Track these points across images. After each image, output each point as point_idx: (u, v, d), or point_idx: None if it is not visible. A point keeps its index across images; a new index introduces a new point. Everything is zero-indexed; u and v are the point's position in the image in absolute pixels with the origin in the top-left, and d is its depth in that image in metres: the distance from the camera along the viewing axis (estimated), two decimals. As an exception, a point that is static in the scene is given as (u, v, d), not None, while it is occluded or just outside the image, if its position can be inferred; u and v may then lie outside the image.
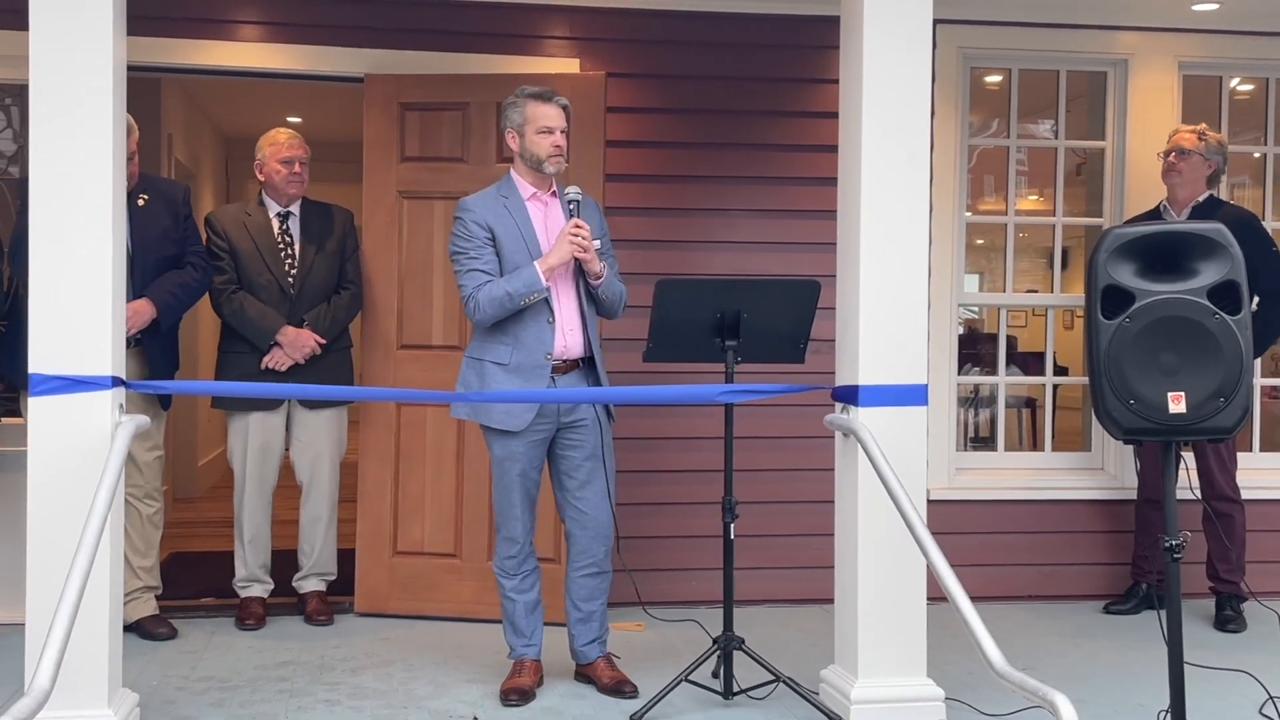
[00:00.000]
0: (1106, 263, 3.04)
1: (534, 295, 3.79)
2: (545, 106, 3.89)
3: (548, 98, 3.91)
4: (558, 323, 3.86)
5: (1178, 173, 4.93)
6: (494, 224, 3.86)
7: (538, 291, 3.79)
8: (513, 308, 3.80)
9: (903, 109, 3.70)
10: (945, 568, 3.08)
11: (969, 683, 3.99)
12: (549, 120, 3.88)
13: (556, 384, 3.87)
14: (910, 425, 3.68)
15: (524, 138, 3.91)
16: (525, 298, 3.78)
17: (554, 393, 3.83)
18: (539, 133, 3.88)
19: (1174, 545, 3.07)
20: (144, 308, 4.39)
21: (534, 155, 3.90)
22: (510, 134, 3.94)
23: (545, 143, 3.88)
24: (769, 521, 5.11)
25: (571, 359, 3.90)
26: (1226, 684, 4.00)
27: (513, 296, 3.78)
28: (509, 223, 3.88)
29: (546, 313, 3.85)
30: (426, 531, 4.92)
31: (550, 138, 3.88)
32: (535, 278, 3.78)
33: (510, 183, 3.97)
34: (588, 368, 3.95)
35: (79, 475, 3.25)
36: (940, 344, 5.25)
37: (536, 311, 3.84)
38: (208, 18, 4.94)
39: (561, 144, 3.90)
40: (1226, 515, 4.88)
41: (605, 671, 3.99)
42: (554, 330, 3.85)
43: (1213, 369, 2.99)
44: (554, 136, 3.88)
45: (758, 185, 5.25)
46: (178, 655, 4.34)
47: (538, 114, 3.89)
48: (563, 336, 3.87)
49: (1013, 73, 5.49)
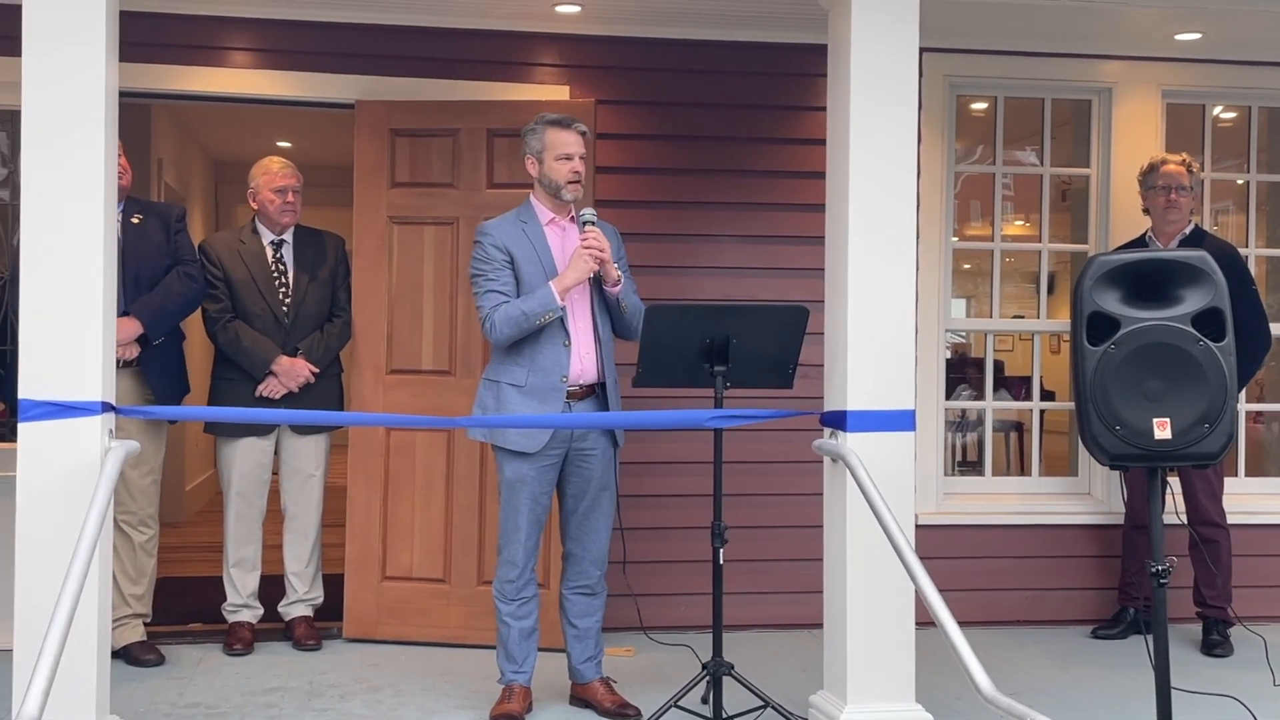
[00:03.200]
0: (1092, 289, 3.07)
1: (549, 314, 3.80)
2: (564, 133, 3.91)
3: (567, 124, 3.93)
4: (574, 346, 3.88)
5: (1177, 209, 4.96)
6: (512, 248, 3.89)
7: (553, 311, 3.80)
8: (529, 328, 3.81)
9: (889, 136, 3.73)
10: (933, 592, 3.09)
11: (957, 708, 3.99)
12: (568, 147, 3.91)
13: (572, 409, 3.88)
14: (898, 450, 3.70)
15: (543, 164, 3.93)
16: (541, 317, 3.80)
17: (546, 418, 3.84)
18: (557, 159, 3.91)
19: (1160, 570, 3.09)
20: (127, 325, 4.39)
21: (552, 181, 3.93)
22: (530, 160, 3.97)
23: (564, 169, 3.91)
24: (758, 546, 5.12)
25: (587, 384, 3.92)
26: (1213, 709, 4.01)
27: (528, 316, 3.80)
28: (528, 247, 3.90)
29: (563, 336, 3.87)
30: (415, 557, 4.91)
31: (569, 164, 3.90)
32: (550, 297, 3.80)
33: (529, 208, 3.99)
34: (601, 394, 3.97)
35: (68, 501, 3.25)
36: (928, 369, 5.27)
37: (553, 335, 3.86)
38: (199, 44, 4.96)
39: (580, 170, 3.92)
40: (1213, 540, 4.90)
41: (606, 695, 4.00)
42: (570, 353, 3.87)
43: (1197, 395, 3.02)
44: (572, 163, 3.91)
45: (746, 211, 5.28)
46: (165, 681, 4.32)
47: (556, 140, 3.91)
48: (579, 360, 3.89)
49: (998, 100, 5.54)
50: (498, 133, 4.90)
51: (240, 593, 4.81)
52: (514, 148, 4.82)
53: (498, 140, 4.91)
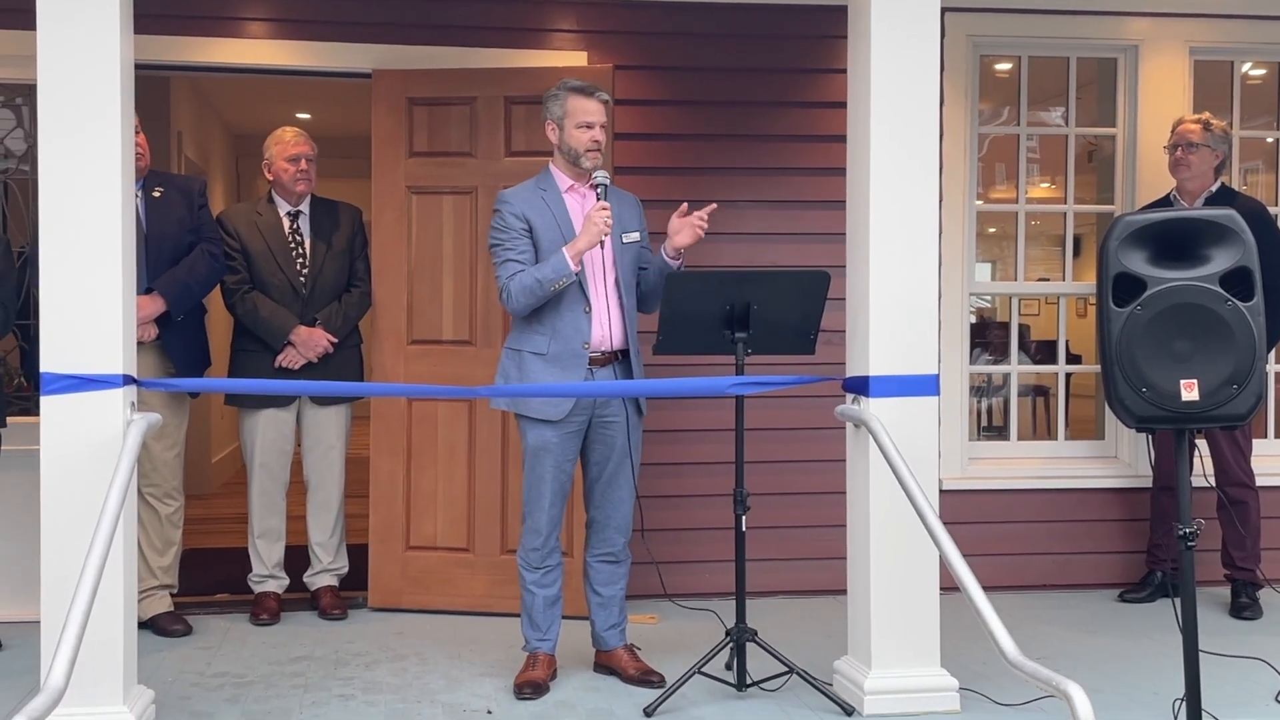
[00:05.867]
0: (1118, 250, 3.03)
1: (563, 281, 3.77)
2: (586, 101, 3.88)
3: (590, 92, 3.89)
4: (594, 313, 3.86)
5: (1186, 166, 4.89)
6: (531, 216, 3.87)
7: (566, 277, 3.77)
8: (543, 295, 3.79)
9: (912, 98, 3.68)
10: (958, 558, 3.08)
11: (983, 673, 3.98)
12: (589, 115, 3.87)
13: (595, 376, 3.87)
14: (922, 415, 3.67)
15: (563, 131, 3.90)
16: (554, 283, 3.77)
17: (567, 387, 3.83)
18: (578, 127, 3.87)
19: (1188, 533, 3.06)
20: (149, 303, 4.40)
21: (572, 149, 3.89)
22: (550, 126, 3.93)
23: (584, 137, 3.87)
24: (781, 513, 5.11)
25: (609, 351, 3.90)
26: (1242, 671, 3.98)
27: (542, 284, 3.78)
28: (547, 215, 3.88)
29: (583, 302, 3.85)
30: (439, 526, 4.92)
31: (589, 133, 3.87)
32: (564, 263, 3.77)
33: (549, 175, 3.97)
34: (624, 362, 3.95)
35: (92, 474, 3.27)
36: (952, 333, 5.23)
37: (573, 301, 3.84)
38: (216, 15, 4.94)
39: (600, 139, 3.88)
40: (1241, 502, 4.86)
41: (630, 662, 4.00)
42: (590, 320, 3.85)
43: (1225, 356, 2.98)
44: (593, 131, 3.87)
45: (766, 176, 5.24)
46: (192, 651, 4.35)
47: (578, 108, 3.87)
48: (600, 327, 3.87)
49: (1022, 60, 5.46)
50: (515, 100, 4.87)
51: (265, 563, 4.83)
52: (532, 115, 4.80)
53: (515, 108, 4.87)
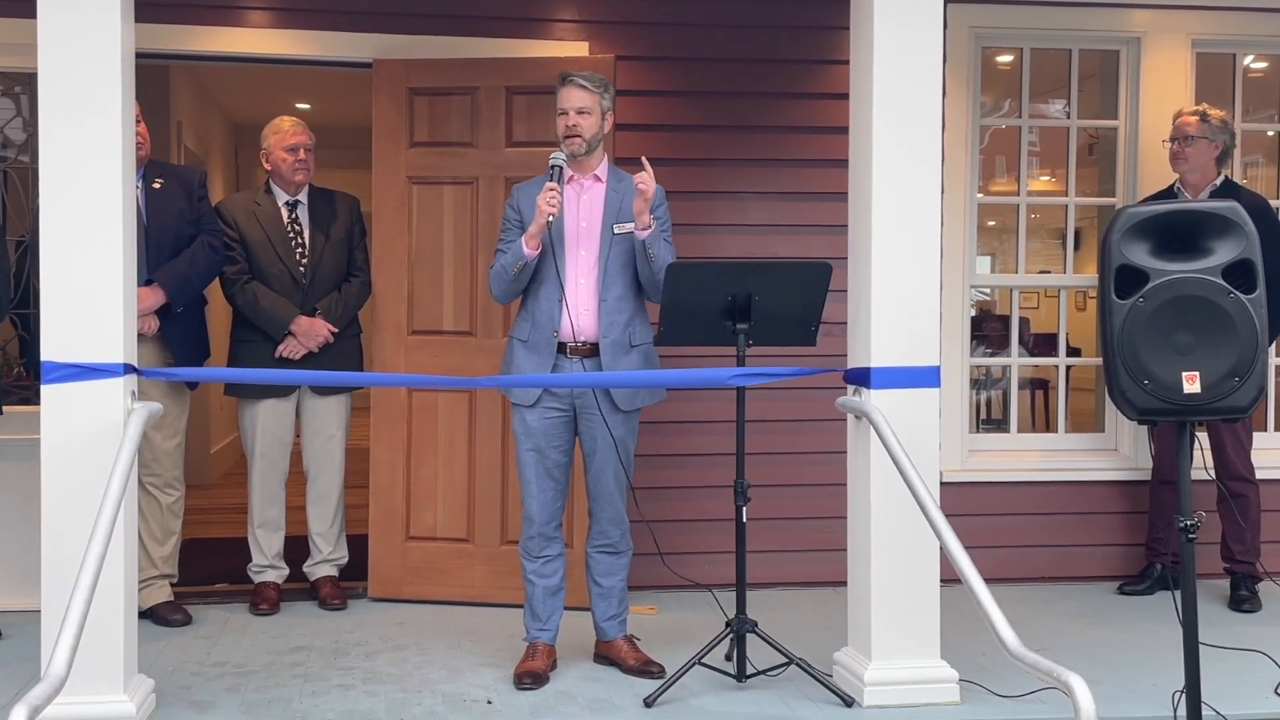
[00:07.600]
0: (1120, 242, 3.02)
1: (520, 264, 3.82)
2: (562, 88, 3.89)
3: (563, 79, 3.89)
4: (568, 303, 3.86)
5: (1184, 159, 4.89)
6: (524, 209, 3.88)
7: (521, 260, 3.81)
8: (508, 279, 3.86)
9: (914, 89, 3.68)
10: (959, 549, 3.08)
11: (983, 664, 3.98)
12: (562, 102, 3.87)
13: (584, 367, 3.87)
14: (923, 407, 3.67)
15: (557, 121, 3.90)
16: (514, 266, 3.83)
17: (553, 378, 3.85)
18: (559, 114, 3.88)
19: (1189, 525, 3.06)
20: (149, 295, 4.39)
21: (559, 138, 3.90)
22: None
23: (560, 124, 3.87)
24: (781, 505, 5.10)
25: (590, 341, 3.90)
26: (1241, 664, 3.99)
27: (506, 268, 3.86)
28: None
29: (558, 291, 3.85)
30: (439, 517, 4.92)
31: (564, 119, 3.86)
32: (519, 247, 3.82)
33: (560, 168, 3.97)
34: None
35: (92, 463, 3.26)
36: (952, 326, 5.23)
37: (549, 290, 3.86)
38: (216, 4, 4.92)
39: (576, 123, 3.84)
40: (1241, 495, 4.86)
41: (630, 653, 4.01)
42: (562, 309, 3.85)
43: (1227, 348, 2.98)
44: (566, 118, 3.86)
45: (768, 168, 5.23)
46: (193, 641, 4.35)
47: (559, 97, 3.89)
48: (575, 317, 3.87)
49: (1024, 52, 5.45)
50: (516, 90, 4.86)
51: (265, 553, 4.83)
52: (533, 106, 4.79)
53: (517, 98, 4.86)
